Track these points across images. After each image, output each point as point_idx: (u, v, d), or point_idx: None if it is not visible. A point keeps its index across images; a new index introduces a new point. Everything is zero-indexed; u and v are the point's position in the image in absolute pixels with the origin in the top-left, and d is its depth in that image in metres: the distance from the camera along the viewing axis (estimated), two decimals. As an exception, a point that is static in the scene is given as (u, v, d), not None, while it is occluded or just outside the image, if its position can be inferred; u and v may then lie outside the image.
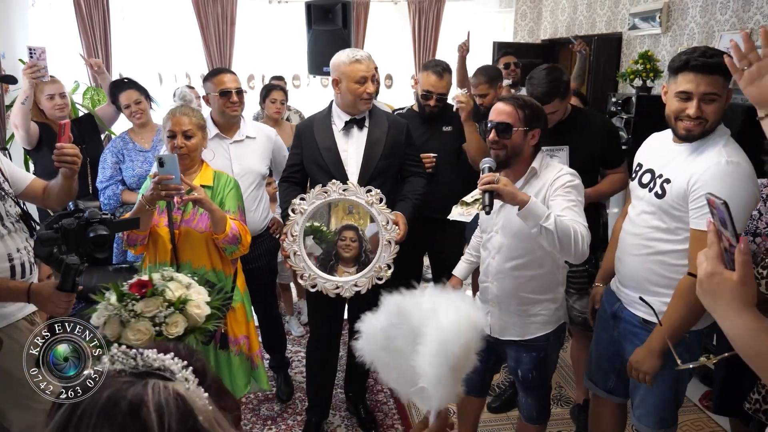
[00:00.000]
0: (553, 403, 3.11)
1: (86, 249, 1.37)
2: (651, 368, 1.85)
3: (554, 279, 2.10)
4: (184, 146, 2.25)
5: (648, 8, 4.47)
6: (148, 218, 2.17)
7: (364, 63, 2.41)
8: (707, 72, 1.70)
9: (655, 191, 1.87)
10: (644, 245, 1.92)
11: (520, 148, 1.97)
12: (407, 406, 3.09)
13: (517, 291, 2.06)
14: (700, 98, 1.73)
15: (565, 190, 1.90)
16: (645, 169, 1.98)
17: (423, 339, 1.06)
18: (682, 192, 1.78)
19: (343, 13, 4.63)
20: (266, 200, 2.91)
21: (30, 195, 2.02)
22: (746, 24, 3.56)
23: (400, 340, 1.09)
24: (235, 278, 2.41)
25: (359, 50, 2.49)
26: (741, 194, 1.70)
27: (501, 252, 2.06)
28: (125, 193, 3.12)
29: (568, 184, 1.92)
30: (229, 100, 2.67)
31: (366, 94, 2.43)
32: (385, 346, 1.09)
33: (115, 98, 3.29)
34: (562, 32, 5.94)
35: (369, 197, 2.33)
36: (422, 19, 6.45)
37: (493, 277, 2.11)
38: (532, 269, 2.03)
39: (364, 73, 2.41)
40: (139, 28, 5.99)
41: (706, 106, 1.73)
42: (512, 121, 1.95)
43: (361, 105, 2.47)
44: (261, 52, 6.37)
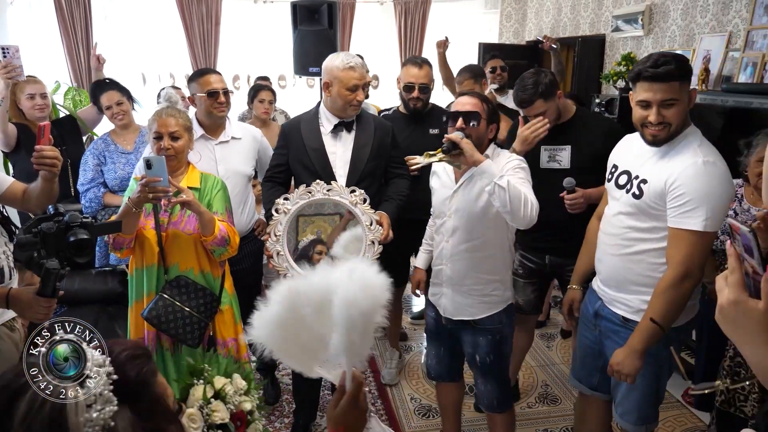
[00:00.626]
0: (539, 402, 3.14)
1: (67, 253, 1.35)
2: (632, 369, 1.87)
3: (504, 261, 2.24)
4: (170, 148, 2.23)
5: (630, 11, 4.52)
6: (134, 221, 2.15)
7: (358, 71, 2.41)
8: (660, 80, 1.74)
9: (633, 192, 1.90)
10: (622, 245, 1.95)
11: (483, 138, 2.11)
12: (394, 407, 3.10)
13: (470, 272, 2.18)
14: (659, 105, 1.77)
15: (515, 170, 2.04)
16: (621, 170, 2.01)
17: (323, 310, 1.06)
18: (659, 191, 1.81)
19: (329, 13, 4.60)
20: (252, 201, 2.89)
21: (9, 198, 1.98)
22: (725, 27, 3.62)
23: (298, 318, 1.08)
24: (224, 280, 2.39)
25: (354, 56, 2.48)
26: (718, 192, 1.74)
27: (455, 235, 2.18)
28: (107, 196, 3.08)
29: (517, 166, 2.07)
30: (217, 101, 2.65)
31: (356, 102, 2.43)
32: (281, 328, 1.08)
33: (96, 99, 3.25)
34: (546, 34, 5.98)
35: (353, 197, 2.33)
36: (408, 20, 6.46)
37: (447, 259, 2.22)
38: (484, 251, 2.17)
39: (357, 81, 2.41)
40: (122, 28, 5.93)
41: (666, 111, 1.77)
42: (479, 110, 2.10)
43: (351, 111, 2.47)
44: (246, 52, 6.33)
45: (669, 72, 1.72)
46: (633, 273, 1.93)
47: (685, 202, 1.74)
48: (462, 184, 2.15)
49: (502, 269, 2.23)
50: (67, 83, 5.18)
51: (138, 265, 2.29)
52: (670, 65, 1.73)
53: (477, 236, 2.15)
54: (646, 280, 1.90)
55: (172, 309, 2.21)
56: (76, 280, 2.98)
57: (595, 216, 2.25)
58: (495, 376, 2.30)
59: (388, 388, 3.28)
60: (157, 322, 2.20)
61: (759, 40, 3.31)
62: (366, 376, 3.37)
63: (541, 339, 3.79)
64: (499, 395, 2.32)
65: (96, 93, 3.24)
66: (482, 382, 2.33)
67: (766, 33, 3.25)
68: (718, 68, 3.58)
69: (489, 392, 2.32)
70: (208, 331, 2.33)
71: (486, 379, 2.31)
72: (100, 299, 2.95)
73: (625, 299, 1.98)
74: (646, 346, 1.84)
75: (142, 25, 5.98)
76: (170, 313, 2.21)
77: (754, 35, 3.35)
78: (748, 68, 3.36)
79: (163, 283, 2.25)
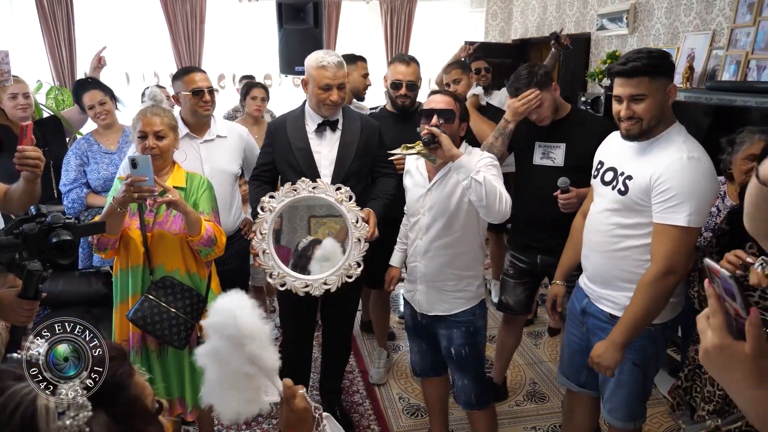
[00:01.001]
0: (527, 399, 3.14)
1: (49, 255, 1.32)
2: (612, 362, 1.88)
3: (477, 257, 2.28)
4: (155, 147, 2.20)
5: (615, 9, 4.55)
6: (119, 221, 2.12)
7: (330, 70, 2.38)
8: (628, 76, 1.78)
9: (618, 188, 1.91)
10: (608, 241, 1.96)
11: (455, 136, 2.14)
12: (383, 407, 3.09)
13: (444, 268, 2.22)
14: (629, 100, 1.80)
15: (487, 167, 2.06)
16: (607, 167, 2.02)
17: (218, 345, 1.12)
18: (644, 187, 1.82)
19: (314, 12, 4.59)
20: (238, 201, 2.86)
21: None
22: (709, 25, 3.65)
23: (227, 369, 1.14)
24: (210, 281, 2.37)
25: (331, 55, 2.44)
26: (702, 188, 1.75)
27: (429, 232, 2.22)
28: (90, 197, 3.03)
29: (489, 163, 2.11)
30: (202, 99, 2.62)
31: (329, 101, 2.40)
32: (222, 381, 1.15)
33: (78, 99, 3.20)
34: (532, 32, 6.01)
35: (338, 195, 2.32)
36: (394, 19, 6.45)
37: (421, 256, 2.26)
38: (458, 247, 2.21)
39: (328, 80, 2.38)
40: (105, 27, 5.84)
41: (635, 106, 1.80)
42: (453, 108, 2.14)
43: (325, 111, 2.45)
44: (232, 51, 6.27)
45: (635, 68, 1.76)
46: (618, 270, 1.94)
47: (670, 197, 1.75)
48: (436, 183, 2.18)
49: (475, 265, 2.28)
50: (49, 82, 5.10)
51: (123, 266, 2.26)
52: (638, 62, 1.76)
53: (451, 233, 2.19)
54: (631, 277, 1.90)
55: (158, 310, 2.18)
56: (60, 282, 2.94)
57: (580, 213, 2.26)
58: (471, 371, 2.31)
59: (377, 387, 3.27)
60: (143, 323, 2.17)
61: (742, 38, 3.34)
62: (354, 376, 3.36)
63: (528, 337, 3.81)
64: (477, 391, 2.33)
65: (78, 92, 3.20)
66: (459, 377, 2.34)
67: (749, 31, 3.29)
68: (702, 66, 3.61)
69: (466, 388, 2.33)
70: (194, 333, 2.30)
71: (462, 373, 2.32)
72: (84, 301, 2.92)
73: (612, 296, 1.98)
74: (627, 340, 1.86)
75: (125, 24, 5.91)
76: (156, 314, 2.18)
77: (737, 33, 3.39)
78: (731, 66, 3.39)
79: (148, 284, 2.22)
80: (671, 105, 1.87)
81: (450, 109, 2.13)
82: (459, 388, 2.36)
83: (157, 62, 6.09)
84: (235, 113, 4.89)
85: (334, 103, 2.42)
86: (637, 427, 2.07)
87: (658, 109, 1.81)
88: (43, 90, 4.97)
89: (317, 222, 2.49)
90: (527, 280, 2.79)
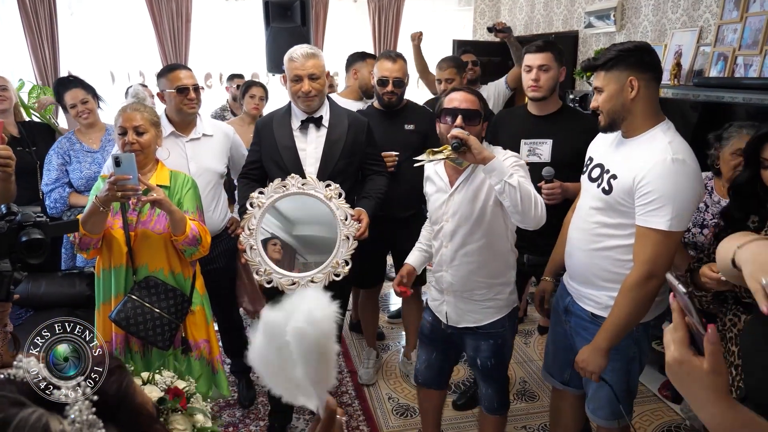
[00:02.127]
0: (517, 398, 3.13)
1: (19, 254, 1.28)
2: (597, 367, 1.85)
3: (507, 262, 2.15)
4: (135, 142, 2.16)
5: (603, 7, 4.55)
6: (101, 220, 2.08)
7: (297, 61, 2.36)
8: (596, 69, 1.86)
9: (603, 187, 1.88)
10: (591, 240, 1.93)
11: (479, 136, 1.98)
12: (372, 407, 3.06)
13: (472, 276, 2.09)
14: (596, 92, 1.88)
15: (514, 168, 1.92)
16: (595, 163, 2.00)
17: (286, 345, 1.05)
18: (627, 188, 1.78)
19: (301, 10, 4.55)
20: (224, 200, 2.82)
21: None
22: (696, 22, 3.66)
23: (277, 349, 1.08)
24: (194, 281, 2.33)
25: (302, 48, 2.41)
26: (686, 192, 1.71)
27: (454, 239, 2.09)
28: (73, 196, 2.97)
29: (515, 164, 1.97)
30: (187, 97, 2.58)
31: (301, 93, 2.37)
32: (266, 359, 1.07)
33: (60, 97, 3.14)
34: (520, 30, 6.00)
35: (327, 192, 2.29)
36: (382, 17, 6.43)
37: (447, 265, 2.13)
38: (485, 254, 2.07)
39: (297, 71, 2.36)
40: (89, 25, 5.78)
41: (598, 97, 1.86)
42: (479, 109, 2.00)
43: (300, 103, 2.42)
44: (218, 49, 6.23)
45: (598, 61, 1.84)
46: (600, 269, 1.92)
47: (652, 200, 1.71)
48: (458, 187, 2.06)
49: (505, 270, 2.14)
50: (31, 81, 5.02)
51: (105, 265, 2.21)
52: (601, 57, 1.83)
53: (477, 239, 2.05)
54: (613, 276, 1.88)
55: (141, 311, 2.15)
56: (43, 283, 2.89)
57: (571, 210, 2.24)
58: (495, 380, 2.25)
59: (366, 388, 3.24)
60: (126, 324, 2.13)
61: (729, 35, 3.35)
62: (343, 377, 3.32)
63: (518, 336, 3.79)
64: (499, 398, 2.29)
65: (60, 91, 3.13)
66: (483, 386, 2.28)
67: (736, 27, 3.29)
68: (690, 63, 3.62)
69: (490, 396, 2.27)
70: (179, 333, 2.26)
71: (487, 382, 2.26)
72: (68, 303, 2.87)
73: (593, 295, 1.96)
74: (611, 344, 1.83)
75: (110, 22, 5.84)
76: (139, 315, 2.15)
77: (724, 30, 3.39)
78: (718, 63, 3.40)
79: (131, 284, 2.18)
80: (658, 101, 1.84)
81: (475, 109, 1.99)
82: (484, 394, 2.30)
83: (143, 61, 6.04)
84: (222, 112, 4.84)
85: (306, 94, 2.37)
86: (622, 425, 2.05)
87: (650, 107, 1.80)
88: (26, 89, 4.89)
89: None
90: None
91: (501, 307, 2.15)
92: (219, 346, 2.50)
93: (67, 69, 5.48)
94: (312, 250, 2.42)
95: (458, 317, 2.17)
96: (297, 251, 2.42)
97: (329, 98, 2.55)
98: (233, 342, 3.05)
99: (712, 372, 0.87)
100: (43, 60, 5.48)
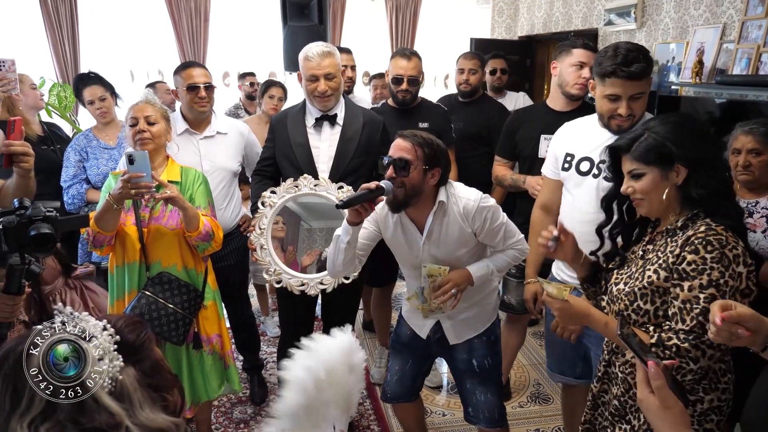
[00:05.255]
0: (531, 401, 3.09)
1: (28, 248, 1.29)
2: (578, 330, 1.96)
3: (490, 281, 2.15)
4: (146, 131, 2.17)
5: (623, 4, 4.48)
6: (115, 218, 2.09)
7: (313, 61, 2.35)
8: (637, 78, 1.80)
9: (605, 176, 1.86)
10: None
11: (419, 187, 1.86)
12: (383, 406, 3.04)
13: (462, 302, 2.02)
14: (629, 99, 1.82)
15: (487, 223, 1.91)
16: (580, 157, 2.01)
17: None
18: None
19: (319, 8, 4.55)
20: (238, 197, 2.83)
21: None
22: (719, 18, 3.58)
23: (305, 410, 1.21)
24: (206, 276, 2.34)
25: (318, 46, 2.40)
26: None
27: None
28: (90, 192, 3.01)
29: (486, 213, 1.91)
30: (197, 96, 2.59)
31: (317, 92, 2.36)
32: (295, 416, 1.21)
33: (79, 93, 3.17)
34: (539, 29, 5.94)
35: (340, 194, 2.28)
36: (399, 16, 6.41)
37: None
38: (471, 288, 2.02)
39: (313, 71, 2.35)
40: (110, 24, 5.85)
41: (633, 104, 1.83)
42: (411, 158, 1.84)
43: (316, 102, 2.41)
44: (236, 48, 6.27)
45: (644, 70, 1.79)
46: None
47: None
48: (430, 229, 1.95)
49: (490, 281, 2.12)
50: (52, 79, 5.09)
51: (119, 262, 2.23)
52: (641, 63, 1.78)
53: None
54: None
55: (155, 306, 2.16)
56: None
57: (538, 207, 2.25)
58: (494, 382, 2.16)
59: (378, 387, 3.22)
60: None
61: (754, 32, 3.27)
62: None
63: (532, 337, 3.75)
64: (499, 405, 2.16)
65: (79, 87, 3.17)
66: (482, 392, 2.13)
67: (761, 24, 3.21)
68: (712, 61, 3.54)
69: (490, 402, 2.13)
70: (192, 328, 2.27)
71: (486, 387, 2.14)
72: (82, 298, 2.89)
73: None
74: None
75: (129, 21, 5.91)
76: (153, 310, 2.16)
77: (748, 26, 3.31)
78: (742, 60, 3.31)
79: (144, 281, 2.19)
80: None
81: (405, 158, 1.83)
82: (482, 404, 2.13)
83: (162, 60, 6.09)
84: (236, 110, 4.86)
85: (322, 93, 2.37)
86: None
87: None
88: (46, 87, 4.96)
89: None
90: None
91: (491, 310, 2.16)
92: (231, 341, 2.50)
93: (88, 67, 5.52)
94: (316, 216, 2.40)
95: (458, 335, 2.12)
96: (301, 217, 2.40)
97: (344, 96, 2.54)
98: (246, 339, 3.06)
99: (663, 408, 0.93)
100: (63, 58, 5.57)
